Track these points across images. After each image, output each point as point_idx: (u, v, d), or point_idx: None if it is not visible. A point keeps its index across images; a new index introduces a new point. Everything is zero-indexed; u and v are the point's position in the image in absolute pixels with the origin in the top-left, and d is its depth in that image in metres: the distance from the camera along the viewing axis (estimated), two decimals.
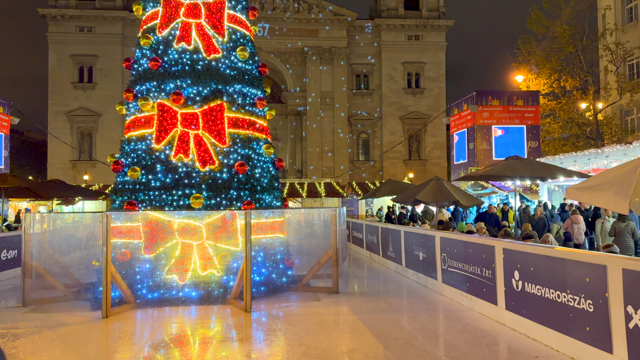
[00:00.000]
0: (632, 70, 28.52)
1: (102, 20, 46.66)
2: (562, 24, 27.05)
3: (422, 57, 50.90)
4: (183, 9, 11.35)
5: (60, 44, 46.30)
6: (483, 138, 25.59)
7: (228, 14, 11.82)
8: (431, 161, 50.49)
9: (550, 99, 28.75)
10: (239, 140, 11.12)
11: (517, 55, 29.65)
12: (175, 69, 11.12)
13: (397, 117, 50.41)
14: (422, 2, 51.13)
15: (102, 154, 42.85)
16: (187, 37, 11.26)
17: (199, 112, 10.87)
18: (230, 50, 11.64)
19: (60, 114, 46.12)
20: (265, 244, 10.89)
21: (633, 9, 28.86)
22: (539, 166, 12.73)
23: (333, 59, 49.36)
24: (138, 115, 11.16)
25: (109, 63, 46.62)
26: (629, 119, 28.81)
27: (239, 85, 11.51)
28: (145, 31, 11.67)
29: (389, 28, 50.35)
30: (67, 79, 46.39)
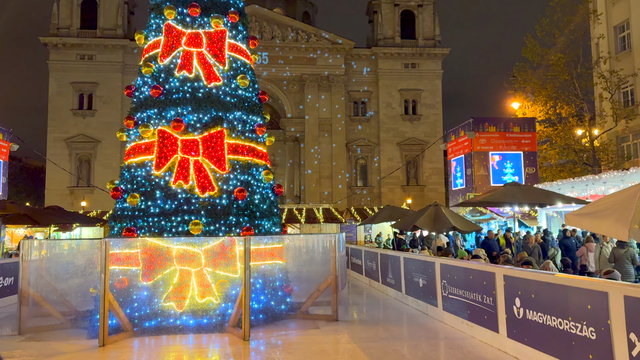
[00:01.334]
0: (626, 98, 28.89)
1: (102, 48, 47.25)
2: (557, 52, 27.52)
3: (418, 84, 51.53)
4: (185, 38, 11.54)
5: (60, 71, 46.77)
6: (480, 164, 25.72)
7: (229, 43, 12.02)
8: (429, 187, 50.59)
9: (547, 125, 29.02)
10: (239, 166, 11.17)
11: (513, 82, 30.06)
12: (176, 97, 11.24)
13: (395, 143, 50.72)
14: (418, 31, 52.01)
15: (100, 180, 42.82)
16: (189, 66, 11.41)
17: (199, 139, 10.94)
18: (230, 78, 11.79)
19: (59, 141, 46.27)
20: (264, 270, 10.83)
21: (625, 37, 29.41)
22: (537, 192, 12.78)
23: (331, 86, 49.92)
24: (138, 142, 11.23)
25: (108, 90, 47.02)
26: (625, 145, 29.05)
27: (239, 112, 11.62)
28: (147, 59, 11.83)
29: (385, 56, 51.09)
30: (67, 106, 46.72)
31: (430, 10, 52.42)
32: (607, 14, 30.17)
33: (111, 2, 48.08)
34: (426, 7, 52.27)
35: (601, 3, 30.71)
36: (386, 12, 51.94)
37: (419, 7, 52.11)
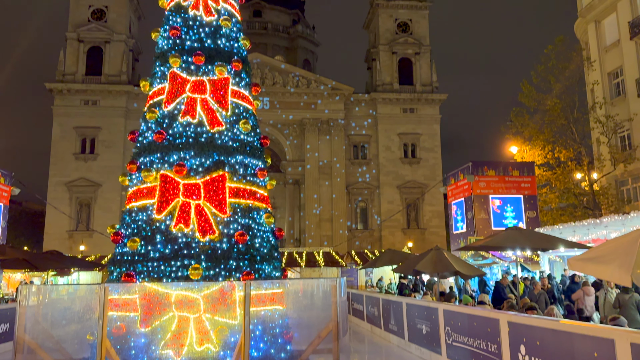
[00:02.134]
0: (623, 142, 29.20)
1: (107, 94, 48.14)
2: (553, 98, 27.99)
3: (417, 128, 52.18)
4: (189, 85, 11.79)
5: (64, 116, 47.47)
6: (481, 208, 25.71)
7: (232, 89, 12.27)
8: (430, 230, 50.37)
9: (546, 169, 29.20)
10: (240, 210, 11.18)
11: (510, 127, 30.44)
12: (179, 141, 11.38)
13: (395, 186, 50.86)
14: (415, 78, 53.12)
15: (100, 224, 42.70)
16: (192, 111, 11.61)
17: (200, 183, 11.01)
18: (233, 123, 11.97)
19: (60, 184, 46.43)
20: (264, 316, 10.64)
21: (620, 83, 30.03)
22: (539, 237, 12.73)
23: (331, 130, 50.55)
24: (140, 186, 11.28)
25: (111, 135, 47.58)
26: (624, 189, 29.15)
27: (240, 156, 11.74)
28: (152, 106, 12.04)
29: (384, 101, 51.97)
30: (69, 150, 47.16)
31: (427, 57, 53.72)
32: (600, 61, 30.91)
33: (116, 50, 49.32)
34: (423, 55, 53.59)
35: (594, 50, 31.51)
36: (384, 60, 53.21)
37: (416, 54, 53.43)
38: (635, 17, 27.98)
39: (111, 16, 49.61)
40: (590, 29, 32.44)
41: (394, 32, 53.58)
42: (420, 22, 54.18)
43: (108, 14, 49.62)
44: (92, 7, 49.57)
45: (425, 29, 54.29)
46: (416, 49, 53.36)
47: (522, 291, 16.60)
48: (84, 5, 49.52)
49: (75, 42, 48.73)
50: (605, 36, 31.32)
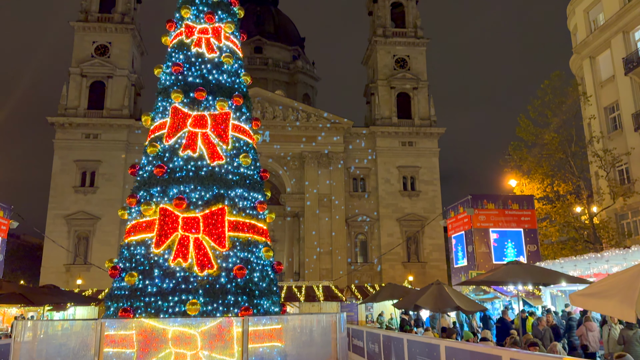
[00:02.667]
0: (622, 176, 29.29)
1: (108, 127, 48.52)
2: (550, 132, 28.21)
3: (416, 161, 52.42)
4: (190, 119, 11.93)
5: (65, 150, 47.71)
6: (481, 241, 25.60)
7: (233, 124, 12.41)
8: (430, 264, 49.96)
9: (545, 203, 29.20)
10: (239, 243, 11.14)
11: (509, 161, 30.58)
12: (179, 175, 11.44)
13: (394, 219, 50.72)
14: (414, 111, 53.70)
15: (98, 258, 42.36)
16: (193, 146, 11.71)
17: (200, 216, 11.00)
18: (233, 157, 12.06)
19: (59, 217, 46.29)
20: (262, 353, 10.45)
21: (616, 118, 30.34)
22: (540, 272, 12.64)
23: (330, 162, 50.78)
24: (139, 220, 11.27)
25: (111, 168, 47.74)
26: (624, 222, 29.08)
27: (240, 189, 11.77)
28: (153, 140, 12.15)
29: (383, 135, 52.38)
30: (69, 183, 47.20)
31: (425, 92, 54.45)
32: (596, 96, 31.31)
33: (119, 84, 49.99)
34: (421, 90, 54.32)
35: (590, 85, 31.96)
36: (383, 94, 53.92)
37: (413, 89, 54.19)
38: (629, 54, 28.49)
39: (114, 52, 50.48)
40: (585, 65, 32.99)
41: (392, 68, 54.47)
42: (417, 58, 55.14)
43: (111, 49, 50.51)
44: (96, 43, 50.50)
45: (423, 64, 55.21)
46: (414, 84, 54.13)
47: (529, 327, 16.36)
48: (88, 42, 50.46)
49: (78, 77, 49.43)
50: (600, 72, 31.82)
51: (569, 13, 36.10)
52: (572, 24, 35.97)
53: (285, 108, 51.51)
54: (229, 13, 13.70)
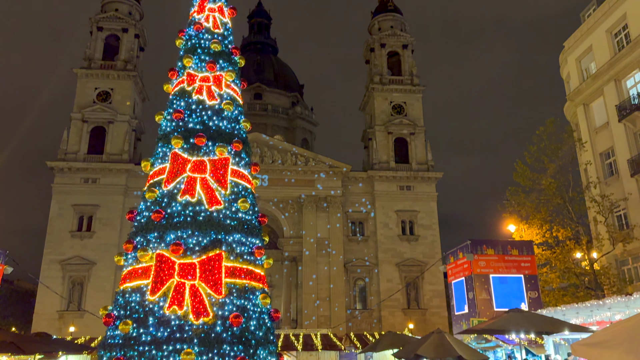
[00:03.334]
0: (620, 221, 29.23)
1: (107, 172, 48.69)
2: (547, 177, 28.36)
3: (414, 205, 52.44)
4: (190, 165, 12.01)
5: (63, 194, 47.68)
6: (482, 287, 25.26)
7: (232, 169, 12.49)
8: (431, 310, 49.09)
9: (545, 248, 29.03)
10: (235, 290, 10.98)
11: (507, 206, 30.58)
12: (177, 220, 11.40)
13: (394, 264, 50.22)
14: (411, 156, 54.19)
15: (92, 304, 41.62)
16: (192, 191, 11.74)
17: (196, 262, 10.89)
18: (232, 202, 12.06)
19: (54, 263, 45.74)
20: None
21: (612, 164, 30.57)
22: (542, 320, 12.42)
23: (329, 206, 50.75)
24: (135, 266, 11.15)
25: (109, 212, 47.57)
26: (625, 268, 28.81)
27: (238, 234, 11.71)
28: (152, 185, 12.18)
29: (381, 179, 52.64)
30: (66, 227, 46.91)
31: (422, 137, 55.13)
32: (591, 142, 31.67)
33: (119, 129, 50.53)
34: (418, 135, 55.02)
35: (585, 132, 32.38)
36: (380, 139, 54.56)
37: (411, 134, 54.89)
38: (621, 101, 29.02)
39: (116, 98, 51.32)
40: (579, 112, 33.52)
41: (389, 114, 55.35)
42: (414, 105, 56.16)
43: (113, 95, 51.37)
44: (98, 89, 51.41)
45: (419, 111, 56.16)
46: (411, 130, 54.88)
47: None
48: (91, 88, 51.36)
49: (80, 122, 50.02)
50: (594, 118, 32.30)
51: (561, 62, 37.03)
52: (565, 72, 36.82)
53: (284, 153, 51.98)
54: (230, 62, 14.03)
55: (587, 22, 32.69)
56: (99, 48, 52.81)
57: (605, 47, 30.95)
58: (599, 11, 31.50)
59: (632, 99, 28.43)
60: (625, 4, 29.30)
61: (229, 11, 15.03)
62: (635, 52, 28.07)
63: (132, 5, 55.19)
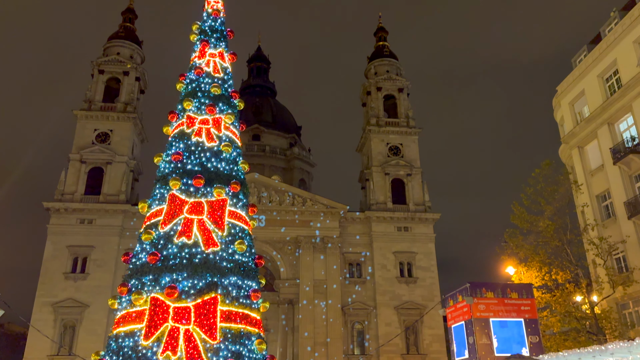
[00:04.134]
0: (619, 264, 29.04)
1: (103, 213, 48.41)
2: (545, 220, 28.30)
3: (412, 247, 52.11)
4: (187, 206, 12.00)
5: (58, 235, 47.22)
6: (482, 332, 24.76)
7: (229, 210, 12.48)
8: (431, 356, 47.96)
9: (544, 291, 28.67)
10: (231, 335, 10.76)
11: (505, 248, 30.39)
12: (172, 262, 11.29)
13: (392, 307, 49.42)
14: (408, 198, 54.25)
15: (84, 348, 40.59)
16: (188, 232, 11.68)
17: (191, 306, 10.72)
18: (228, 243, 11.99)
19: (46, 305, 44.84)
20: None
21: (609, 206, 30.62)
22: None
23: (326, 247, 50.38)
24: (129, 309, 10.96)
25: (104, 253, 47.02)
26: (626, 312, 28.40)
27: (234, 277, 11.59)
28: (148, 227, 12.14)
29: (378, 220, 52.50)
30: (60, 269, 46.23)
31: (419, 179, 55.38)
32: (587, 184, 31.82)
33: (117, 170, 50.59)
34: (414, 176, 55.29)
35: (580, 174, 32.58)
36: (377, 180, 54.77)
37: (407, 175, 55.14)
38: (615, 144, 29.36)
39: (115, 139, 51.64)
40: (574, 154, 33.83)
41: (386, 155, 55.81)
42: (410, 146, 56.71)
43: (112, 136, 51.69)
44: (98, 130, 51.77)
45: (416, 152, 56.68)
46: (408, 171, 55.18)
47: None
48: (90, 129, 51.71)
49: (78, 163, 50.07)
50: (589, 161, 32.57)
51: (555, 105, 37.67)
52: (558, 116, 37.40)
53: (281, 193, 52.02)
54: (229, 105, 14.26)
55: (579, 67, 33.46)
56: (99, 90, 53.52)
57: (597, 91, 31.58)
58: (590, 57, 32.29)
59: (625, 142, 28.79)
60: (615, 50, 30.10)
61: (230, 56, 15.39)
62: (627, 96, 28.61)
63: (134, 49, 56.36)
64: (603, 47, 31.11)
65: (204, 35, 15.12)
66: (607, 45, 30.78)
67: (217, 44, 15.09)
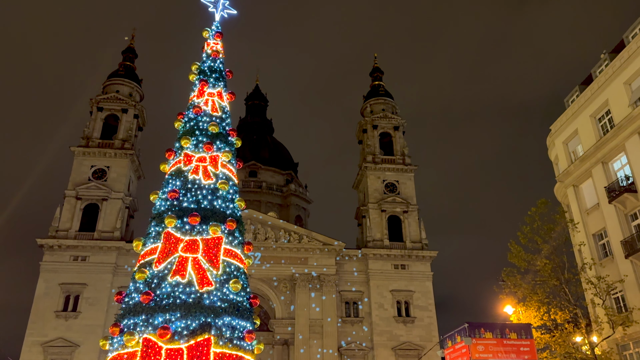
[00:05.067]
0: (618, 304, 28.68)
1: (97, 250, 47.85)
2: (542, 258, 28.11)
3: (409, 285, 51.50)
4: (182, 244, 11.92)
5: (51, 272, 46.45)
6: None
7: (224, 248, 12.40)
8: None
9: (543, 332, 28.22)
10: None
11: (503, 287, 30.09)
12: (165, 302, 11.12)
13: (390, 348, 48.40)
14: (405, 235, 53.98)
15: None
16: (183, 271, 11.55)
17: (184, 347, 10.51)
18: (223, 282, 11.85)
19: (36, 345, 43.71)
20: None
21: (606, 245, 30.47)
22: None
23: (322, 285, 49.74)
24: (121, 351, 10.72)
25: (96, 292, 46.19)
26: (627, 354, 27.87)
27: (228, 317, 11.41)
28: (142, 265, 12.01)
29: (375, 257, 52.05)
30: (51, 307, 45.30)
31: (415, 216, 55.28)
32: (584, 223, 31.74)
33: (113, 207, 50.29)
34: (411, 214, 55.21)
35: (576, 213, 32.57)
36: (374, 217, 54.65)
37: (404, 212, 55.07)
38: (610, 183, 29.48)
39: (112, 175, 51.51)
40: (569, 193, 33.91)
41: (382, 192, 55.83)
42: (406, 184, 56.85)
43: (109, 173, 51.58)
44: (95, 167, 51.66)
45: (412, 189, 56.75)
46: (404, 208, 55.10)
47: None
48: (87, 166, 51.61)
49: (73, 200, 49.74)
50: (585, 200, 32.59)
51: (549, 144, 38.03)
52: (553, 155, 37.71)
53: (277, 230, 51.70)
54: (227, 143, 14.38)
55: (572, 107, 33.97)
56: (97, 127, 53.71)
57: (591, 130, 31.96)
58: (582, 97, 32.83)
59: (620, 180, 28.91)
60: (607, 90, 30.65)
61: (228, 96, 15.63)
62: (620, 136, 28.94)
63: (133, 87, 57.04)
64: (594, 87, 31.70)
65: (203, 75, 15.39)
66: (598, 86, 31.37)
67: (216, 83, 15.35)
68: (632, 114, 27.68)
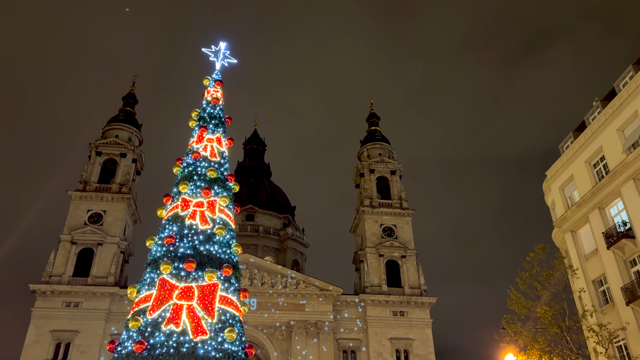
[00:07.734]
0: (621, 352, 28.03)
1: (90, 295, 46.87)
2: (542, 305, 27.65)
3: (409, 333, 50.42)
4: (177, 291, 11.74)
5: (42, 319, 45.38)
6: None
7: (220, 295, 12.21)
8: None
9: None
10: None
11: (504, 335, 29.46)
12: (159, 352, 10.86)
13: None
14: (403, 280, 53.28)
15: None
16: (177, 319, 11.33)
17: None
18: (218, 331, 11.61)
19: None
20: None
21: (606, 291, 30.06)
22: None
23: (319, 332, 48.64)
24: None
25: (88, 339, 44.98)
26: None
27: None
28: (136, 313, 11.79)
29: (373, 303, 51.18)
30: (41, 356, 43.94)
31: (414, 260, 54.76)
32: (583, 269, 31.38)
33: (108, 251, 49.68)
34: (409, 258, 54.72)
35: (575, 258, 32.27)
36: (372, 262, 54.11)
37: (402, 257, 54.56)
38: (607, 229, 29.38)
39: (108, 220, 51.15)
40: (567, 239, 33.70)
41: (380, 236, 55.54)
42: (404, 228, 56.62)
43: (105, 217, 51.23)
44: (91, 211, 51.37)
45: (410, 233, 56.50)
46: (402, 252, 54.64)
47: None
48: (83, 210, 51.29)
49: (68, 244, 49.12)
50: (583, 245, 32.36)
51: (545, 190, 38.16)
52: (549, 200, 37.76)
53: (274, 274, 51.03)
54: (224, 188, 14.42)
55: (566, 153, 34.27)
56: (95, 171, 53.80)
57: (586, 176, 32.11)
58: (576, 143, 33.17)
59: (617, 226, 28.82)
60: (600, 137, 31.00)
61: (227, 141, 15.79)
62: (615, 181, 29.06)
63: (133, 132, 57.57)
64: (588, 134, 32.10)
65: (203, 121, 15.60)
66: (592, 133, 31.78)
67: (215, 129, 15.53)
68: (627, 160, 27.95)
